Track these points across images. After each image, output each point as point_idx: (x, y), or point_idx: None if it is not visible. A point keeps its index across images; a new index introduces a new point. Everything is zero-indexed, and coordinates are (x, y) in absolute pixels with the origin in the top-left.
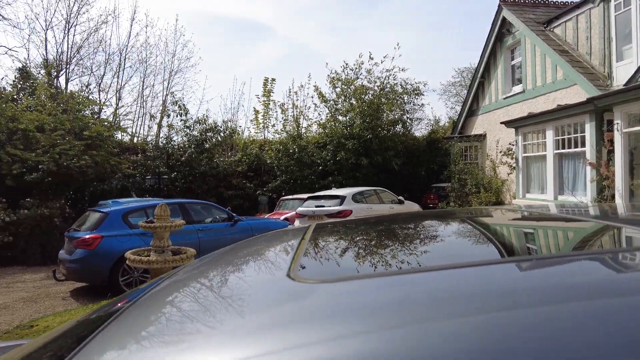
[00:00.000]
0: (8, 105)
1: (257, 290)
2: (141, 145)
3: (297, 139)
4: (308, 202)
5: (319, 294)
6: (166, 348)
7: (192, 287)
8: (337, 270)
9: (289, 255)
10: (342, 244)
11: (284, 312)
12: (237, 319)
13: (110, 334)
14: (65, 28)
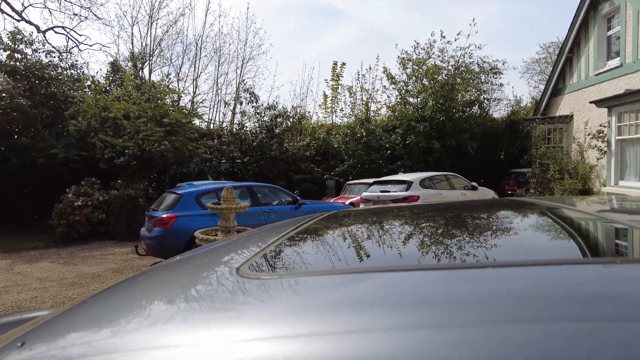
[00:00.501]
0: (101, 97)
1: (208, 284)
2: (216, 131)
3: (365, 122)
4: (373, 186)
5: (254, 290)
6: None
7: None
8: (292, 267)
9: (257, 248)
10: (325, 238)
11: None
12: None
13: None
14: (148, 23)
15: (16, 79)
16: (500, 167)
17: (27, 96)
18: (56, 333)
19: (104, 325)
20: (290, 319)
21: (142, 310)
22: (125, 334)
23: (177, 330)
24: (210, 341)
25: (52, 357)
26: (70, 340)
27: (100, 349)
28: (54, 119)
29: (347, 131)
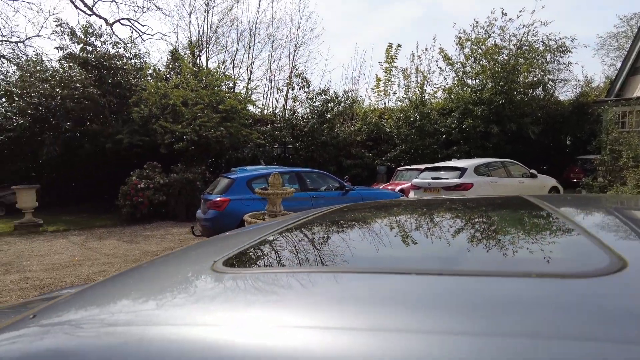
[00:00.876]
0: (161, 84)
1: (185, 279)
2: (269, 117)
3: (419, 105)
4: (424, 173)
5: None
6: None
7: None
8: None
9: (238, 244)
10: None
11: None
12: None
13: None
14: (205, 11)
15: (87, 70)
16: (565, 153)
17: (97, 85)
18: (66, 307)
19: (142, 297)
20: (329, 309)
21: (188, 286)
22: (170, 308)
23: (219, 309)
24: (250, 324)
25: (60, 326)
26: (84, 313)
27: (139, 318)
28: (120, 107)
29: (400, 115)
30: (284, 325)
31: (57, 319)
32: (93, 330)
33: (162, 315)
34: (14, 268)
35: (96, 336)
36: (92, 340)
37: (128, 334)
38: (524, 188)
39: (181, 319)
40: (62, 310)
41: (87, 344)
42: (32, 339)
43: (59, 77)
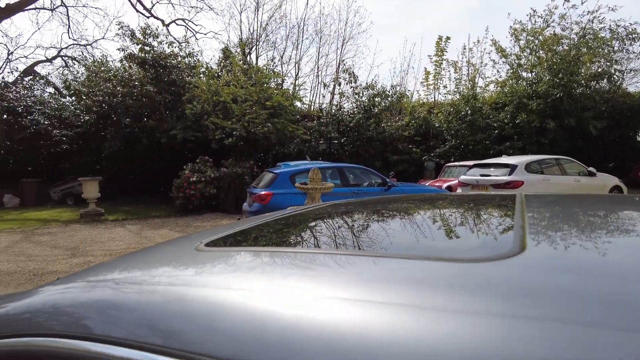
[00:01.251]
0: (213, 82)
1: (174, 256)
2: (316, 113)
3: (470, 99)
4: (473, 170)
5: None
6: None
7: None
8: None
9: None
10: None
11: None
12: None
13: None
14: (255, 9)
15: (145, 69)
16: (635, 150)
17: (154, 83)
18: (111, 268)
19: (181, 265)
20: (360, 285)
21: (228, 258)
22: (207, 275)
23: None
24: (286, 293)
25: (106, 283)
26: (127, 274)
27: (179, 281)
28: (175, 104)
29: (450, 109)
30: (285, 290)
31: (102, 277)
32: (136, 288)
33: (200, 280)
34: (79, 252)
35: (139, 293)
36: (136, 297)
37: (168, 293)
38: (580, 187)
39: (215, 284)
40: (107, 271)
41: (132, 299)
42: (81, 291)
43: (120, 76)
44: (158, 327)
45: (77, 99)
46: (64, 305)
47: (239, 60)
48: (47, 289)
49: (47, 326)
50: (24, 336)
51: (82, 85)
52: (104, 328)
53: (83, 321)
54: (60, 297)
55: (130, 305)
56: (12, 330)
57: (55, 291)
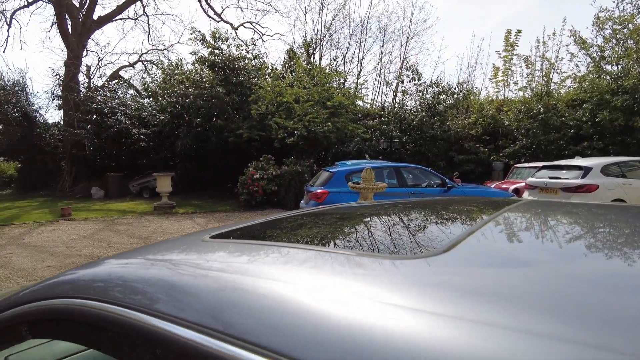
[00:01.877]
0: (277, 83)
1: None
2: (377, 112)
3: (544, 96)
4: (542, 171)
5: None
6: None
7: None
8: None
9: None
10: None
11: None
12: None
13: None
14: (319, 9)
15: (214, 71)
16: None
17: (222, 85)
18: (169, 249)
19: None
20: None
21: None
22: (259, 264)
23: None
24: (333, 291)
25: (163, 262)
26: (184, 256)
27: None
28: (241, 104)
29: (521, 107)
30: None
31: (160, 256)
32: (190, 270)
33: (252, 269)
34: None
35: (192, 276)
36: (189, 279)
37: (221, 279)
38: None
39: (264, 274)
40: (165, 251)
41: (184, 280)
42: (141, 267)
43: (192, 79)
44: (217, 314)
45: (154, 100)
46: (128, 279)
47: (303, 61)
48: (110, 261)
49: (110, 295)
50: (90, 299)
51: (158, 87)
52: (167, 307)
53: (148, 295)
54: (123, 271)
55: (188, 288)
56: (78, 294)
57: (118, 264)
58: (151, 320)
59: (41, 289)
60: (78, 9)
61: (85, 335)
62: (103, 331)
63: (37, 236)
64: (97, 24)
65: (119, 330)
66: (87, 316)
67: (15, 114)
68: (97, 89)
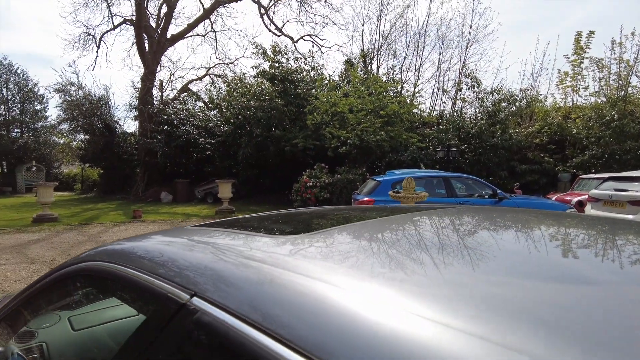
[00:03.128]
0: (332, 94)
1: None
2: (434, 120)
3: (619, 102)
4: (607, 183)
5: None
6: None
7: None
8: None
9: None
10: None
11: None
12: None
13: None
14: (377, 20)
15: (274, 84)
16: None
17: (281, 97)
18: (213, 233)
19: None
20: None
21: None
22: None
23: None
24: (377, 294)
25: (206, 245)
26: (231, 241)
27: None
28: (298, 115)
29: (591, 114)
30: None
31: (206, 238)
32: (233, 257)
33: (291, 263)
34: None
35: (234, 264)
36: (229, 267)
37: (260, 270)
38: None
39: (303, 271)
40: (206, 235)
41: (226, 266)
42: (184, 247)
43: (253, 91)
44: (255, 305)
45: (219, 111)
46: (172, 257)
47: (360, 71)
48: (156, 237)
49: (150, 267)
50: (136, 269)
51: (223, 100)
52: (207, 289)
53: (185, 273)
54: (167, 249)
55: (228, 276)
56: (126, 262)
57: (163, 242)
58: (146, 277)
59: (83, 257)
60: (154, 29)
61: (106, 286)
62: (117, 284)
63: (111, 234)
64: (170, 42)
65: (126, 284)
66: (107, 273)
67: (99, 125)
68: (168, 102)
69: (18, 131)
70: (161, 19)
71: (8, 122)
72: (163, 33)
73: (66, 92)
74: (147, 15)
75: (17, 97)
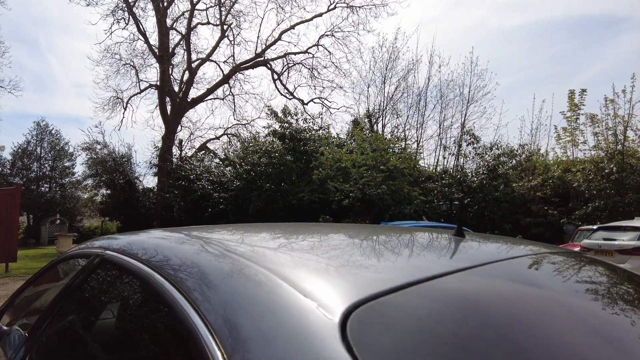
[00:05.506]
0: (338, 150)
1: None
2: (437, 175)
3: (616, 155)
4: (598, 233)
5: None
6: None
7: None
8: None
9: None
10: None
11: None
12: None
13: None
14: (381, 83)
15: (284, 142)
16: None
17: (290, 154)
18: (205, 234)
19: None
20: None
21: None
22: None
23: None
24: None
25: (198, 239)
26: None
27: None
28: (305, 170)
29: (591, 167)
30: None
31: (199, 233)
32: (216, 251)
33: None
34: None
35: (217, 254)
36: (212, 261)
37: (234, 260)
38: None
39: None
40: (204, 232)
41: (206, 258)
42: (181, 240)
43: (265, 149)
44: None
45: (233, 167)
46: (163, 249)
47: (366, 130)
48: (153, 233)
49: (144, 256)
50: (131, 257)
51: (237, 157)
52: (189, 286)
53: (169, 262)
54: (160, 242)
55: (212, 278)
56: (122, 251)
57: (158, 236)
58: (134, 262)
59: (89, 245)
60: (177, 93)
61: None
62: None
63: None
64: (191, 104)
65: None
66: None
67: (121, 181)
68: (186, 159)
69: (47, 186)
70: (183, 84)
71: (39, 177)
72: (184, 96)
73: (92, 150)
74: (170, 81)
75: (49, 155)
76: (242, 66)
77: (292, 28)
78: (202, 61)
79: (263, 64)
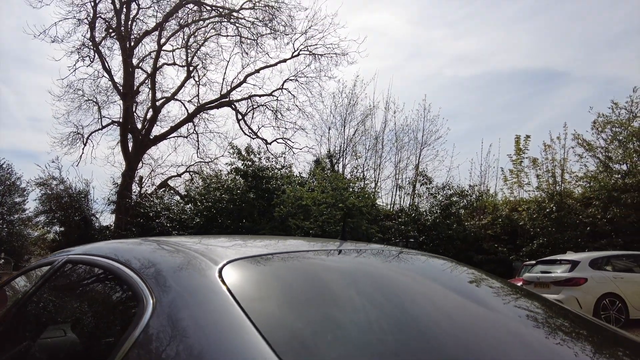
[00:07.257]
0: (299, 188)
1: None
2: (395, 213)
3: (555, 195)
4: (537, 266)
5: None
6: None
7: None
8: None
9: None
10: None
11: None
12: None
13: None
14: (341, 126)
15: (247, 180)
16: None
17: (252, 191)
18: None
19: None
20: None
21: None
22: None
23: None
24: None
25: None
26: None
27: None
28: (267, 207)
29: (534, 207)
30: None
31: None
32: (157, 245)
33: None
34: None
35: (170, 250)
36: (168, 256)
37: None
38: None
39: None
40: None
41: (150, 248)
42: (133, 242)
43: (226, 186)
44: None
45: (194, 204)
46: (123, 250)
47: (327, 169)
48: (117, 241)
49: (115, 256)
50: (109, 259)
51: (198, 194)
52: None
53: (129, 255)
54: (121, 246)
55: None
56: (84, 252)
57: (115, 242)
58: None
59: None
60: (140, 130)
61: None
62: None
63: None
64: (153, 141)
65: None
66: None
67: (77, 217)
68: (146, 196)
69: None
70: (147, 121)
71: None
72: (147, 134)
73: (47, 186)
74: (133, 118)
75: None
76: (207, 106)
77: (257, 72)
78: (166, 100)
79: (228, 105)
